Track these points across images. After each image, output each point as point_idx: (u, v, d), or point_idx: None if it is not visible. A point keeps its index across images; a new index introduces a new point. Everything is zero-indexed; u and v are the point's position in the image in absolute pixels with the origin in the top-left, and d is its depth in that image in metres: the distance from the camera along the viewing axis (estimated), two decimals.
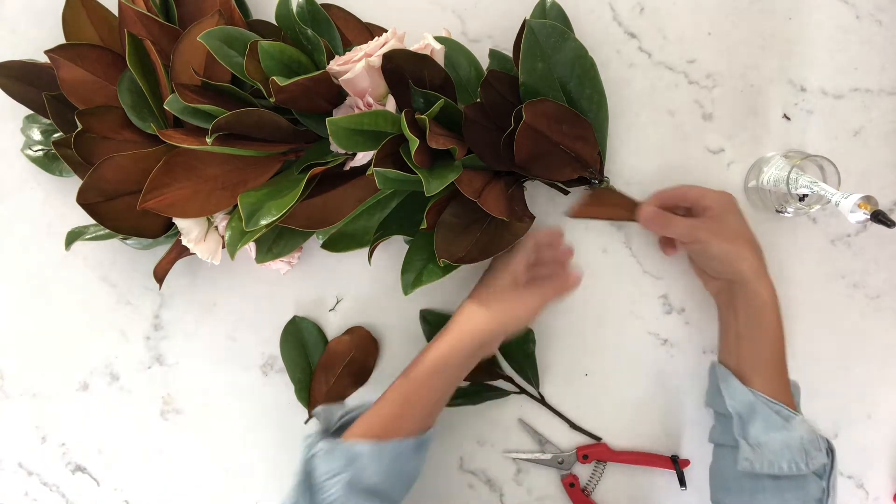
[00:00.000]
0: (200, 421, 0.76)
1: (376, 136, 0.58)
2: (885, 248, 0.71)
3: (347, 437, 0.59)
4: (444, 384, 0.61)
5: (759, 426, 0.60)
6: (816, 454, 0.59)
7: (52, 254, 0.75)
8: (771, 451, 0.59)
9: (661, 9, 0.70)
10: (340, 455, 0.57)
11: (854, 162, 0.70)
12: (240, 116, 0.57)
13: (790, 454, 0.59)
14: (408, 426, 0.60)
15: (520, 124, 0.59)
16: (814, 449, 0.59)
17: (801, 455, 0.59)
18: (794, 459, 0.59)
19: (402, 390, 0.60)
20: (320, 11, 0.64)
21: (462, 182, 0.59)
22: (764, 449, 0.59)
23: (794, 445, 0.59)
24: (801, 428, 0.60)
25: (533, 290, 0.62)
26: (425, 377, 0.60)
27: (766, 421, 0.60)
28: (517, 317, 0.61)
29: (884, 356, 0.72)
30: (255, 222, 0.57)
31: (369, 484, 0.57)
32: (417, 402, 0.60)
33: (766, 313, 0.62)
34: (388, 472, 0.58)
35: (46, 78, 0.66)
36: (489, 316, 0.60)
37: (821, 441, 0.60)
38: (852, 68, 0.70)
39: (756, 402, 0.61)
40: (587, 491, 0.74)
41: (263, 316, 0.75)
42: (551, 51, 0.62)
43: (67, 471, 0.78)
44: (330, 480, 0.57)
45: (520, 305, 0.61)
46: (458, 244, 0.60)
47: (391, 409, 0.60)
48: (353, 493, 0.56)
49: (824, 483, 0.60)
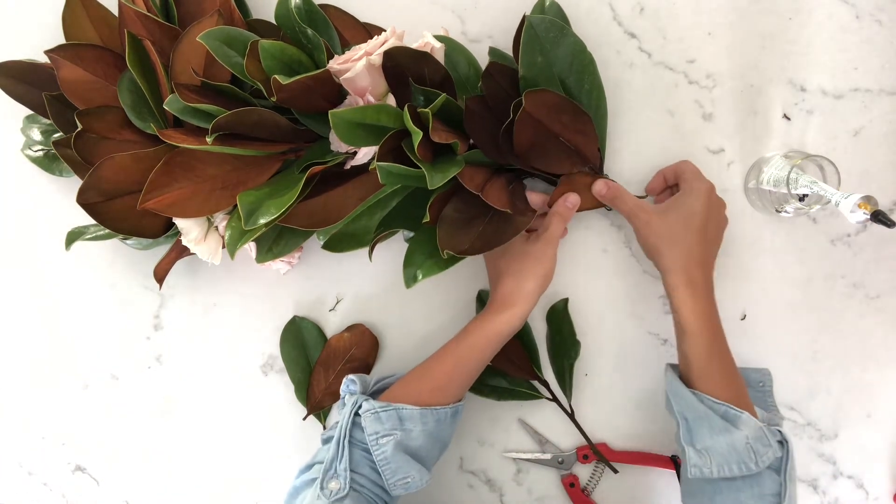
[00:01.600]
0: (200, 421, 0.76)
1: (378, 130, 0.58)
2: (885, 248, 0.71)
3: (394, 398, 0.62)
4: (487, 359, 0.64)
5: (704, 431, 0.60)
6: (766, 450, 0.58)
7: (52, 254, 0.75)
8: (718, 455, 0.59)
9: (661, 9, 0.70)
10: (389, 417, 0.60)
11: (854, 162, 0.70)
12: (240, 116, 0.57)
13: (737, 455, 0.58)
14: (450, 395, 0.63)
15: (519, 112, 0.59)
16: (762, 446, 0.58)
17: (748, 455, 0.58)
18: (742, 460, 0.58)
19: (450, 362, 0.63)
20: (318, 11, 0.64)
21: (464, 176, 0.59)
22: (711, 453, 0.59)
23: (740, 446, 0.58)
24: (746, 427, 0.59)
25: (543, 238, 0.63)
26: (474, 352, 0.62)
27: (710, 425, 0.59)
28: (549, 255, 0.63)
29: (884, 356, 0.72)
30: (254, 221, 0.57)
31: (413, 446, 0.60)
32: (463, 374, 0.63)
33: (689, 320, 0.61)
34: (430, 436, 0.61)
35: (46, 78, 0.66)
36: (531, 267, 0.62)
37: (770, 436, 0.59)
38: (852, 68, 0.70)
39: (700, 405, 0.60)
40: (587, 491, 0.74)
41: (263, 316, 0.75)
42: (550, 46, 0.62)
43: (67, 471, 0.78)
44: (382, 439, 0.59)
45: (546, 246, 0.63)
46: (461, 237, 0.60)
47: (438, 378, 0.63)
48: (400, 452, 0.60)
49: (781, 477, 0.59)
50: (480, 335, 0.62)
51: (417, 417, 0.60)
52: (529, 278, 0.62)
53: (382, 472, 0.59)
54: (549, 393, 0.72)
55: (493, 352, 0.63)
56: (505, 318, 0.62)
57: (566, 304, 0.72)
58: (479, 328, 0.63)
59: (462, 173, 0.59)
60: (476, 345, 0.62)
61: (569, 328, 0.72)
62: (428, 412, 0.61)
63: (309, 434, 0.75)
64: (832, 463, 0.73)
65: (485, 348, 0.62)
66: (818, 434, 0.73)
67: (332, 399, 0.73)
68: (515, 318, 0.62)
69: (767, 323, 0.72)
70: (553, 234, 0.63)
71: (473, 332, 0.63)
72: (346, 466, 0.58)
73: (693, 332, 0.61)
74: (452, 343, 0.64)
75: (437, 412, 0.61)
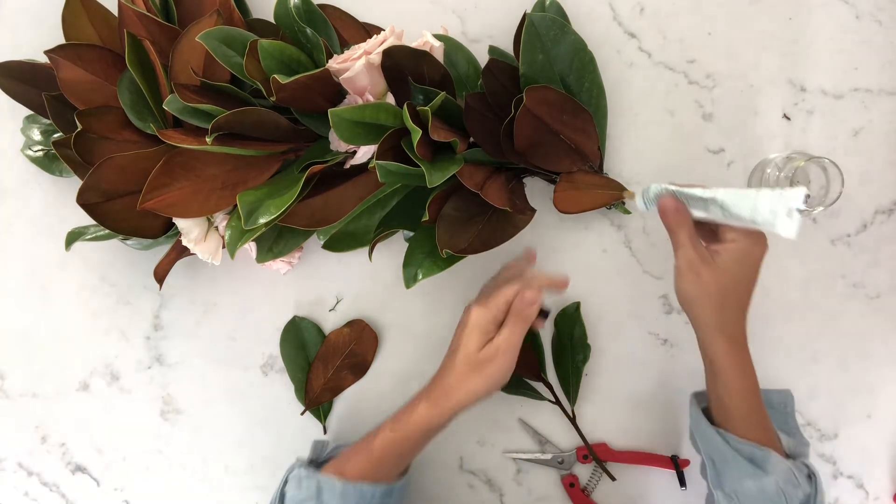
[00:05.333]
0: (200, 421, 0.76)
1: (377, 129, 0.58)
2: (885, 248, 0.71)
3: (325, 470, 0.60)
4: (423, 444, 0.61)
5: (733, 474, 0.58)
6: (795, 491, 0.57)
7: (52, 254, 0.75)
8: (748, 499, 0.57)
9: (661, 9, 0.70)
10: (309, 485, 0.59)
11: (854, 162, 0.70)
12: (239, 116, 0.57)
13: (768, 500, 0.57)
14: (381, 476, 0.60)
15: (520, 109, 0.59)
16: (791, 487, 0.57)
17: (779, 499, 0.57)
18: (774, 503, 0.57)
19: (389, 443, 0.60)
20: (316, 11, 0.64)
21: (463, 175, 0.59)
22: (741, 497, 0.58)
23: (770, 490, 0.57)
24: (776, 469, 0.57)
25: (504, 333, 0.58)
26: (405, 441, 0.59)
27: (738, 468, 0.58)
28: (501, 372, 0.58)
29: (884, 356, 0.72)
30: (253, 221, 0.57)
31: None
32: (401, 455, 0.60)
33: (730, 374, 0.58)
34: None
35: (46, 78, 0.66)
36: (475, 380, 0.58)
37: (798, 475, 0.57)
38: (852, 68, 0.70)
39: (727, 448, 0.58)
40: (587, 491, 0.74)
41: (263, 316, 0.75)
42: (551, 43, 0.62)
43: (67, 471, 0.78)
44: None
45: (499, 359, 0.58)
46: (460, 236, 0.60)
47: (368, 457, 0.60)
48: None
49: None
50: (414, 427, 0.59)
51: (338, 490, 0.58)
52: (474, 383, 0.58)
53: None
54: (552, 396, 0.72)
55: (427, 441, 0.61)
56: (437, 413, 0.59)
57: (578, 308, 0.72)
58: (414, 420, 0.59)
59: (461, 172, 0.59)
60: (409, 436, 0.59)
61: (581, 332, 0.72)
62: (350, 488, 0.58)
63: (309, 435, 0.75)
64: (832, 463, 0.73)
65: (418, 440, 0.60)
66: (818, 434, 0.73)
67: (330, 394, 0.73)
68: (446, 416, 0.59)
69: (767, 323, 0.72)
70: (511, 344, 0.58)
71: (406, 421, 0.60)
72: None
73: (737, 393, 0.58)
74: (389, 423, 0.61)
75: (361, 489, 0.59)
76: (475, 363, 0.58)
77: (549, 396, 0.72)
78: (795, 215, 0.52)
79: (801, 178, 0.67)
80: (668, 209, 0.57)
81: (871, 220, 0.71)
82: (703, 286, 0.56)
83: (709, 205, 0.56)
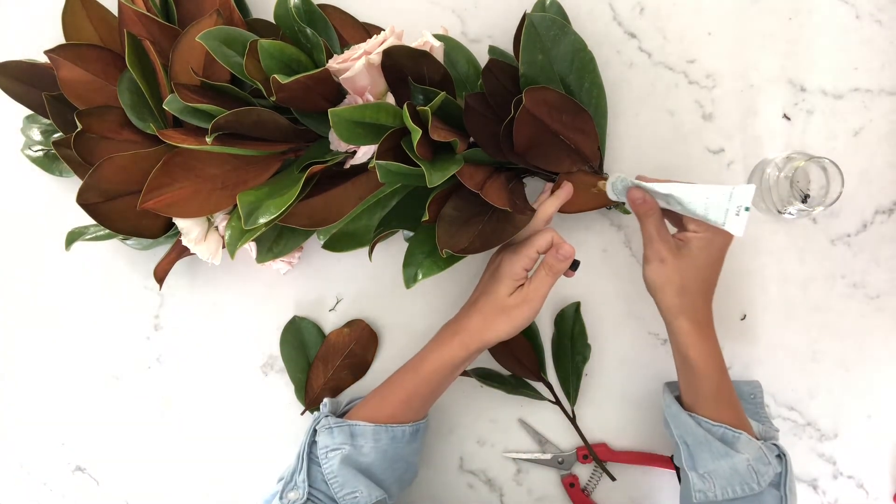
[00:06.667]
0: (200, 421, 0.76)
1: (377, 129, 0.58)
2: (885, 248, 0.71)
3: (351, 416, 0.63)
4: (449, 381, 0.64)
5: (706, 455, 0.60)
6: (766, 469, 0.59)
7: (52, 254, 0.75)
8: (721, 478, 0.59)
9: (661, 9, 0.70)
10: (341, 432, 0.62)
11: (854, 162, 0.70)
12: (239, 115, 0.57)
13: (740, 478, 0.59)
14: (409, 416, 0.63)
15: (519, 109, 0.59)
16: (762, 465, 0.59)
17: (750, 476, 0.59)
18: (745, 482, 0.59)
19: (409, 384, 0.63)
20: (316, 11, 0.64)
21: (463, 175, 0.59)
22: (714, 477, 0.60)
23: (742, 469, 0.59)
24: (747, 449, 0.60)
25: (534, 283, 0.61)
26: (435, 376, 0.62)
27: (710, 449, 0.60)
28: (526, 317, 0.60)
29: (884, 356, 0.72)
30: (253, 221, 0.57)
31: (364, 462, 0.61)
32: (422, 396, 0.63)
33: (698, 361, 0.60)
34: (384, 454, 0.62)
35: (46, 78, 0.66)
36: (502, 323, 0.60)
37: (769, 454, 0.60)
38: (852, 68, 0.70)
39: (699, 430, 0.61)
40: (587, 491, 0.74)
41: (263, 316, 0.75)
42: (551, 43, 0.62)
43: (67, 471, 0.78)
44: (331, 453, 0.61)
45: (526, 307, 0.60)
46: (460, 236, 0.60)
47: (396, 398, 0.63)
48: (348, 467, 0.60)
49: (781, 491, 0.60)
50: (439, 362, 0.61)
51: (370, 434, 0.61)
52: (501, 325, 0.60)
53: (330, 485, 0.60)
54: (552, 396, 0.72)
55: (453, 377, 0.63)
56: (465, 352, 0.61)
57: (578, 308, 0.72)
58: (440, 355, 0.62)
59: (461, 171, 0.59)
60: (436, 371, 0.62)
61: (580, 331, 0.72)
62: (381, 429, 0.62)
63: None
64: (832, 463, 0.73)
65: (445, 375, 0.62)
66: (818, 434, 0.73)
67: (330, 394, 0.73)
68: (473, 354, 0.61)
69: (767, 323, 0.72)
70: (540, 294, 0.60)
71: (434, 358, 0.62)
72: (304, 478, 0.60)
73: (702, 372, 0.60)
74: (412, 364, 0.63)
75: (392, 430, 0.62)
76: (503, 308, 0.60)
77: (549, 396, 0.72)
78: (743, 214, 0.53)
79: (801, 178, 0.67)
80: (636, 200, 0.61)
81: (871, 220, 0.71)
82: (667, 273, 0.59)
83: (669, 199, 0.58)
